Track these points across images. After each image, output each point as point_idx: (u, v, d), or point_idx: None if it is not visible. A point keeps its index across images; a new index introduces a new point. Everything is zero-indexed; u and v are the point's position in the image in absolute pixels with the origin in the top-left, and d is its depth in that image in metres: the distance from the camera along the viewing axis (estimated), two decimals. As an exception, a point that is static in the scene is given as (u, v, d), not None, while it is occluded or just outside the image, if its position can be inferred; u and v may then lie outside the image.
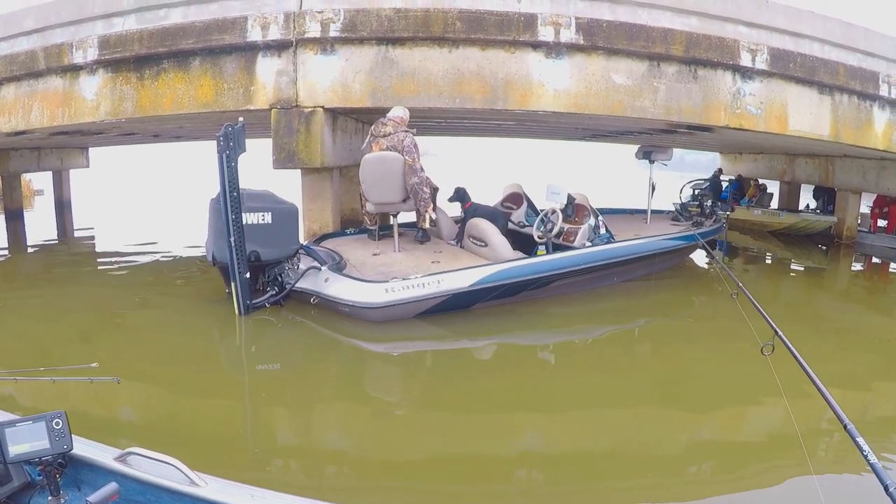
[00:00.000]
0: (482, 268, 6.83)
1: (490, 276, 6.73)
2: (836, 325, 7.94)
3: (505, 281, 6.82)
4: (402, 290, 6.32)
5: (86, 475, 2.25)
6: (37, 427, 2.04)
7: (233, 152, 6.49)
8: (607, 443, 4.37)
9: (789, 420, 3.82)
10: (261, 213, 6.77)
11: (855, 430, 2.21)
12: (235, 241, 6.49)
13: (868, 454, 2.09)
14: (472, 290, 6.64)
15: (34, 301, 7.91)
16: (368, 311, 6.33)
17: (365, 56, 7.60)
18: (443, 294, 6.50)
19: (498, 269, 6.84)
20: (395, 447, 4.20)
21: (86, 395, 4.25)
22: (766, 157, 17.61)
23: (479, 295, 6.78)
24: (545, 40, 7.53)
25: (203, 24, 7.69)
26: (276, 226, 6.85)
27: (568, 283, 7.57)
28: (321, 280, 6.67)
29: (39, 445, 2.04)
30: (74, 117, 8.61)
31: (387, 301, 6.27)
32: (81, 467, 2.25)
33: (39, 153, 16.62)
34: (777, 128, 8.70)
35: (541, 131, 15.39)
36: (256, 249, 6.74)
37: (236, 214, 6.52)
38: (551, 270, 7.25)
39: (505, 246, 7.47)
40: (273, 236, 6.84)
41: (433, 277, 6.53)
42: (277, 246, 6.90)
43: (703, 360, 6.13)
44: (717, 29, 8.31)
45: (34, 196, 21.30)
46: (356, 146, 9.07)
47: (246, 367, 5.78)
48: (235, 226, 6.50)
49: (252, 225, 6.70)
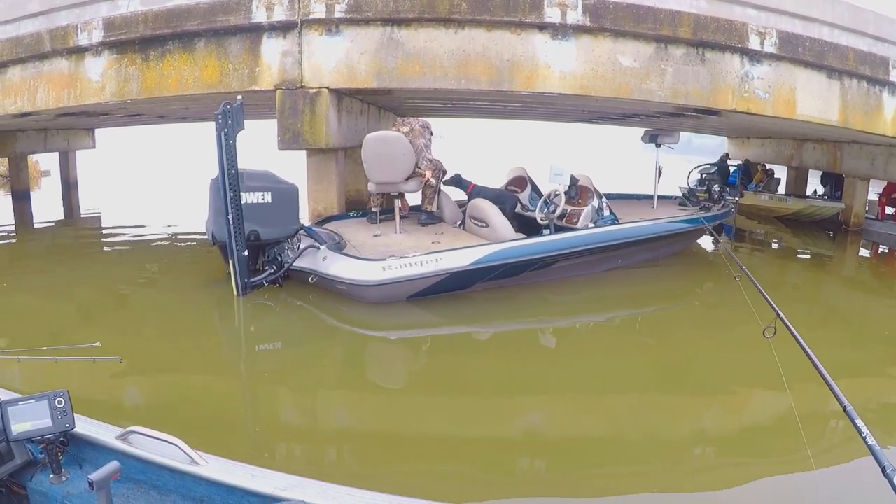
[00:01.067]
0: (481, 247, 6.78)
1: (489, 256, 6.66)
2: (841, 311, 7.94)
3: (504, 260, 6.75)
4: (400, 269, 6.27)
5: (87, 454, 2.26)
6: (39, 405, 2.06)
7: (231, 130, 6.49)
8: (609, 427, 4.38)
9: (789, 405, 3.83)
10: (261, 192, 6.76)
11: (854, 412, 2.20)
12: (233, 219, 6.50)
13: (866, 436, 2.08)
14: (470, 269, 6.57)
15: (39, 280, 7.97)
16: (365, 290, 6.29)
17: (370, 37, 7.57)
18: (441, 273, 6.43)
19: (497, 249, 6.78)
20: (395, 430, 4.22)
21: (88, 374, 4.26)
22: (773, 141, 17.50)
23: (479, 274, 6.72)
24: (551, 21, 7.48)
25: (208, 5, 7.67)
26: (275, 205, 6.85)
27: (570, 264, 7.50)
28: (319, 259, 6.66)
29: (42, 424, 2.05)
30: (80, 98, 8.62)
31: (384, 279, 6.22)
32: (83, 446, 2.26)
33: (46, 134, 16.64)
34: (785, 112, 8.62)
35: (547, 113, 15.31)
36: (256, 229, 6.74)
37: (234, 192, 6.52)
38: (552, 251, 7.17)
39: (506, 226, 7.44)
40: (273, 216, 6.84)
41: (431, 256, 6.47)
42: (277, 225, 6.90)
43: (706, 345, 6.13)
44: (726, 11, 8.23)
45: (41, 177, 21.39)
46: (361, 127, 9.06)
47: (244, 349, 5.80)
48: (234, 204, 6.51)
49: (252, 204, 6.69)
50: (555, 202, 7.81)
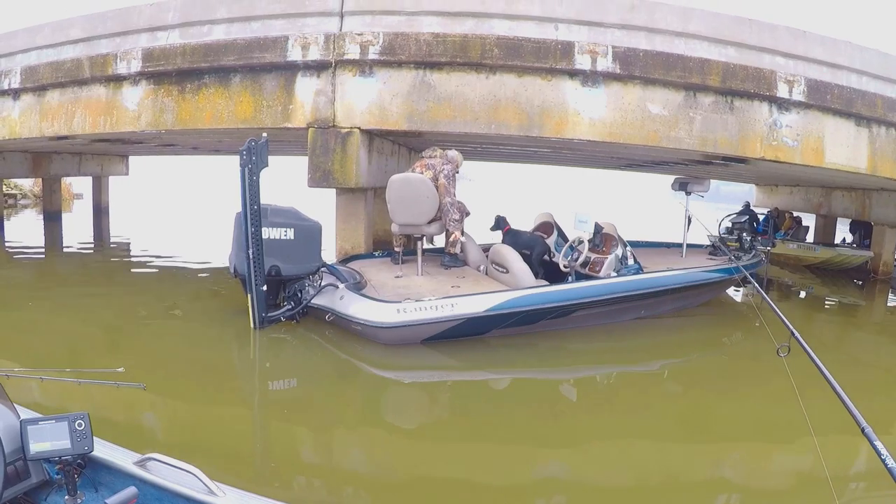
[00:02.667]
0: (498, 293, 6.68)
1: (506, 303, 6.55)
2: (870, 361, 7.79)
3: (521, 308, 6.63)
4: (415, 312, 6.23)
5: (104, 477, 2.27)
6: (59, 426, 2.07)
7: (255, 166, 6.57)
8: (629, 477, 4.32)
9: (819, 461, 3.76)
10: (284, 228, 6.82)
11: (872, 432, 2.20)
12: (253, 254, 6.57)
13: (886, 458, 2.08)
14: (486, 315, 6.47)
15: (66, 302, 8.11)
16: (379, 331, 6.26)
17: (402, 79, 7.67)
18: (456, 318, 6.35)
19: (514, 296, 6.67)
20: (409, 472, 4.18)
21: (110, 399, 4.30)
22: (802, 189, 17.41)
23: (495, 321, 6.62)
24: (582, 68, 7.54)
25: (245, 42, 7.84)
26: (298, 242, 6.90)
27: (590, 313, 7.34)
28: (337, 298, 6.67)
29: (61, 445, 2.06)
30: (116, 126, 8.82)
31: (398, 321, 6.18)
32: (100, 469, 2.27)
33: (81, 158, 16.99)
34: (813, 160, 8.58)
35: (576, 159, 15.32)
36: (277, 264, 6.80)
37: (255, 228, 6.60)
38: (570, 300, 7.01)
39: (526, 273, 7.35)
40: (294, 252, 6.89)
41: (447, 300, 6.41)
42: (298, 262, 6.95)
43: (733, 397, 6.02)
44: (755, 59, 8.24)
45: (73, 199, 21.80)
46: (391, 168, 9.15)
47: (258, 383, 5.80)
48: (254, 239, 6.58)
49: (274, 240, 6.76)
50: (578, 249, 7.72)
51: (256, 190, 6.61)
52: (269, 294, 6.88)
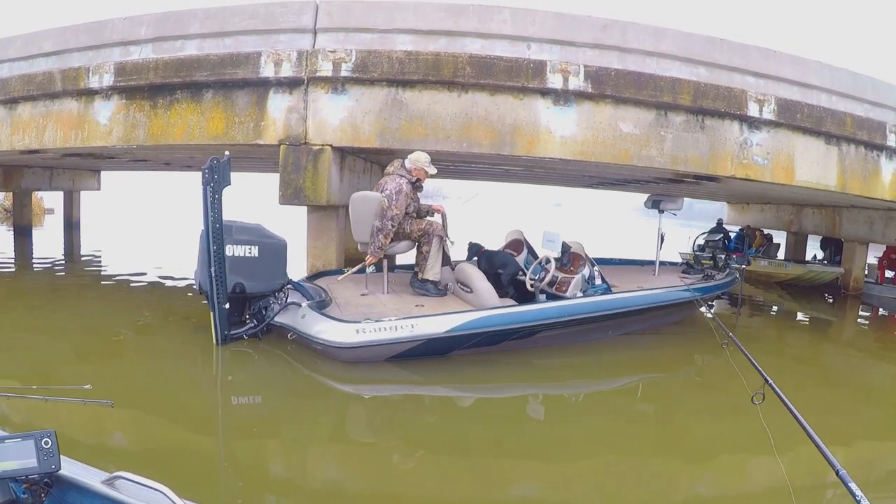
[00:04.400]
0: (459, 314, 6.58)
1: (466, 324, 6.46)
2: (837, 377, 7.85)
3: (482, 329, 6.54)
4: (374, 332, 6.18)
5: (72, 497, 2.22)
6: (25, 445, 2.02)
7: (217, 185, 6.57)
8: (601, 495, 4.31)
9: (780, 472, 3.78)
10: (248, 245, 6.81)
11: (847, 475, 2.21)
12: (215, 272, 6.56)
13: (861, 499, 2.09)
14: (447, 336, 6.40)
15: (34, 317, 7.97)
16: (339, 351, 6.21)
17: (375, 97, 7.67)
18: (416, 339, 6.29)
19: (475, 317, 6.58)
20: (377, 487, 4.12)
21: (77, 416, 4.23)
22: (773, 207, 17.64)
23: (456, 342, 6.54)
24: (554, 87, 7.59)
25: (217, 58, 7.81)
26: (262, 259, 6.89)
27: (554, 334, 7.27)
28: (298, 316, 6.63)
29: (27, 463, 2.02)
30: (87, 140, 8.73)
31: (357, 342, 6.13)
32: (68, 488, 2.22)
33: (52, 173, 16.84)
34: (784, 178, 8.70)
35: (548, 178, 15.39)
36: (242, 281, 6.78)
37: (217, 246, 6.59)
38: (532, 321, 6.91)
39: (489, 293, 7.21)
40: (259, 270, 6.88)
41: (407, 321, 6.33)
42: (263, 279, 6.93)
43: (696, 411, 6.05)
44: (726, 79, 8.35)
45: (44, 214, 21.53)
46: (364, 185, 9.13)
47: (221, 399, 5.71)
48: (216, 257, 6.58)
49: (238, 257, 6.75)
50: (546, 268, 7.60)
51: (219, 208, 6.60)
52: (235, 311, 6.87)
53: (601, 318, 7.46)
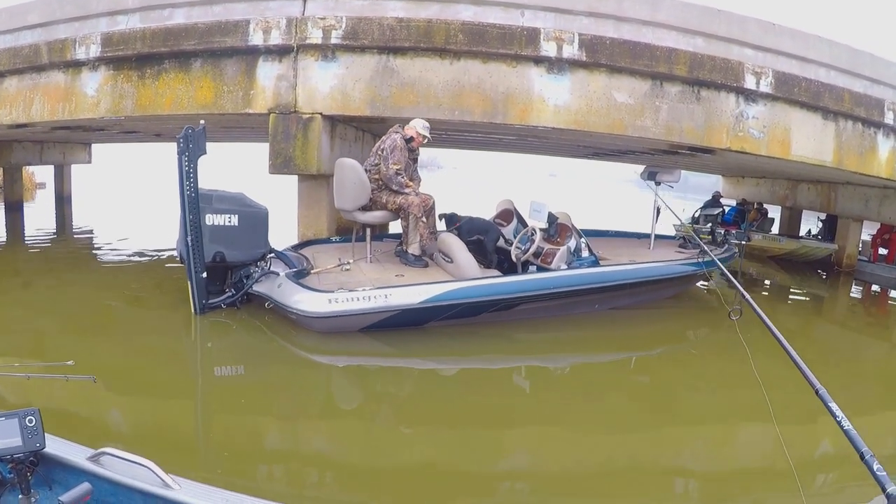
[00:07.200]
0: (435, 285, 6.49)
1: (442, 295, 6.37)
2: (828, 350, 7.89)
3: (458, 300, 6.45)
4: (347, 302, 6.12)
5: (58, 474, 2.23)
6: (9, 424, 2.00)
7: (192, 154, 6.54)
8: (591, 463, 4.29)
9: (781, 447, 3.75)
10: (228, 214, 6.81)
11: (826, 393, 2.27)
12: (192, 241, 6.57)
13: (841, 420, 2.10)
14: (421, 307, 6.32)
15: (22, 294, 7.91)
16: (312, 320, 6.20)
17: (365, 64, 7.56)
18: (389, 309, 6.23)
19: (451, 288, 6.48)
20: (364, 458, 4.13)
21: (61, 393, 4.17)
22: (768, 181, 17.60)
23: (431, 313, 6.46)
24: (547, 55, 7.47)
25: (206, 26, 7.67)
26: (242, 228, 6.88)
27: (536, 307, 7.15)
28: (275, 285, 6.60)
29: (11, 443, 1.99)
30: (75, 113, 8.60)
31: (330, 311, 6.09)
32: (53, 466, 2.23)
33: (42, 147, 16.68)
34: (779, 152, 8.62)
35: (542, 147, 15.30)
36: (222, 250, 6.79)
37: (194, 215, 6.58)
38: (511, 293, 6.82)
39: (469, 262, 7.13)
40: (239, 238, 6.87)
41: (381, 291, 6.28)
42: (243, 248, 6.94)
43: (691, 384, 6.04)
44: (723, 50, 8.26)
45: (35, 189, 21.41)
46: (355, 154, 9.03)
47: (200, 370, 5.72)
48: (193, 226, 6.58)
49: (218, 226, 6.75)
50: (532, 239, 7.43)
51: (195, 177, 6.57)
52: (216, 280, 6.90)
53: (586, 292, 7.36)
